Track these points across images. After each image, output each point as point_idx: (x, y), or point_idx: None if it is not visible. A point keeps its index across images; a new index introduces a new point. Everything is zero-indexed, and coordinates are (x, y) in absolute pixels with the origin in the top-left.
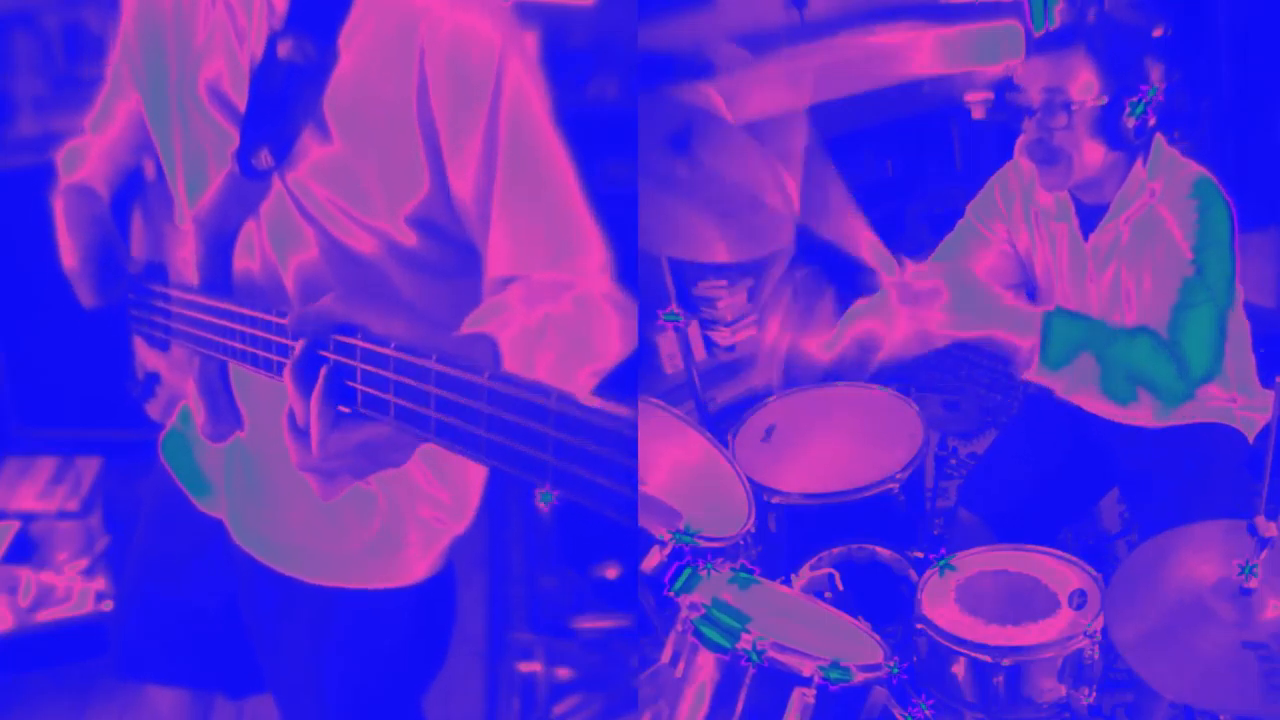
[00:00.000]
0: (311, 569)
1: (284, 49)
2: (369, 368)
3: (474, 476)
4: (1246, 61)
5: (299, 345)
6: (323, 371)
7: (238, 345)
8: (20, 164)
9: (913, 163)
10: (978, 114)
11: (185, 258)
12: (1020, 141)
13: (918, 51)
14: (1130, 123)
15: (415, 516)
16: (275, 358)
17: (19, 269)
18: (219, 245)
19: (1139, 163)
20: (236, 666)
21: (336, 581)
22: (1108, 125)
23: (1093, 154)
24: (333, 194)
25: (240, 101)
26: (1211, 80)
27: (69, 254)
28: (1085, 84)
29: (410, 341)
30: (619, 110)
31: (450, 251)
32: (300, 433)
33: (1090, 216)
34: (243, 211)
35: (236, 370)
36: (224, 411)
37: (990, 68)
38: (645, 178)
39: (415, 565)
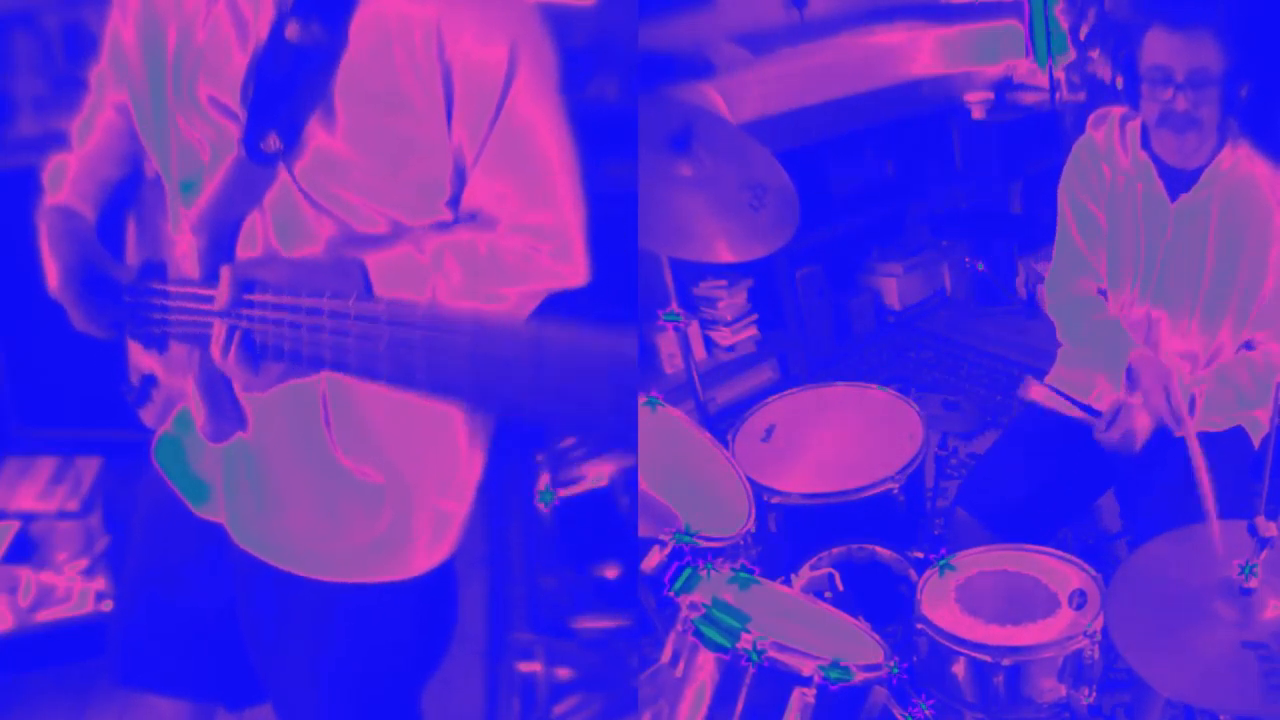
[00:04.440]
0: (316, 566)
1: (292, 31)
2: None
3: (470, 454)
4: (1247, 60)
5: (219, 325)
6: (236, 336)
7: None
8: (20, 164)
9: (913, 163)
10: (978, 114)
11: (185, 252)
12: (1097, 115)
13: (918, 51)
14: (1242, 96)
15: (430, 506)
16: (256, 329)
17: (19, 269)
18: (222, 236)
19: (1230, 137)
20: (236, 677)
21: (341, 577)
22: (1227, 99)
23: (1215, 123)
24: (344, 184)
25: (238, 102)
26: None
27: (52, 276)
28: (1217, 61)
29: (294, 279)
30: (619, 110)
31: None
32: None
33: (1174, 180)
34: (247, 202)
35: None
36: (227, 410)
37: (990, 68)
38: (645, 178)
39: (422, 557)
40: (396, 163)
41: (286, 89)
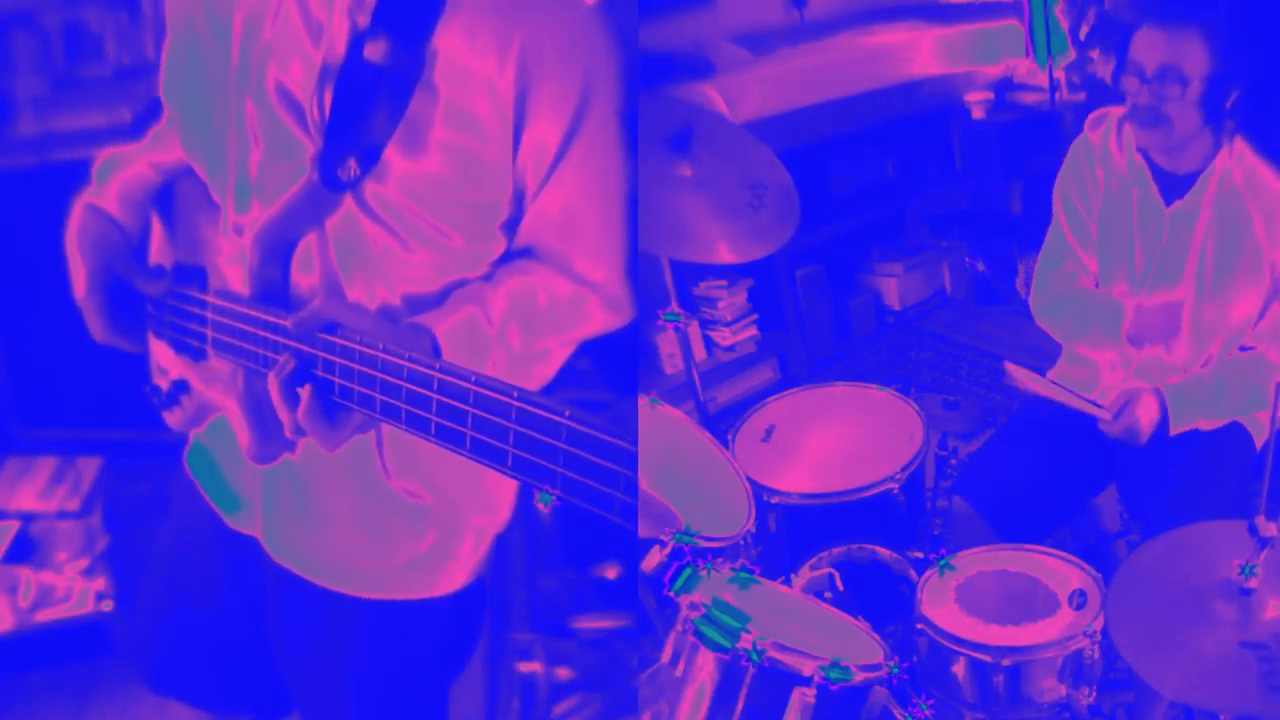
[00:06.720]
0: (354, 583)
1: (372, 51)
2: (358, 366)
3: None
4: (1238, 66)
5: (287, 360)
6: (308, 389)
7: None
8: (20, 164)
9: (913, 163)
10: (978, 114)
11: (231, 258)
12: (1094, 116)
13: (918, 51)
14: (1228, 105)
15: (472, 525)
16: (336, 380)
17: (19, 268)
18: (277, 256)
19: (1226, 143)
20: (263, 691)
21: (378, 594)
22: (1209, 102)
23: (1192, 124)
24: (411, 200)
25: (308, 101)
26: None
27: (78, 282)
28: (1198, 62)
29: (368, 333)
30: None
31: None
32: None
33: (1168, 184)
34: (309, 223)
35: None
36: (273, 432)
37: (990, 68)
38: (645, 178)
39: (458, 574)
40: (462, 182)
41: (365, 112)
